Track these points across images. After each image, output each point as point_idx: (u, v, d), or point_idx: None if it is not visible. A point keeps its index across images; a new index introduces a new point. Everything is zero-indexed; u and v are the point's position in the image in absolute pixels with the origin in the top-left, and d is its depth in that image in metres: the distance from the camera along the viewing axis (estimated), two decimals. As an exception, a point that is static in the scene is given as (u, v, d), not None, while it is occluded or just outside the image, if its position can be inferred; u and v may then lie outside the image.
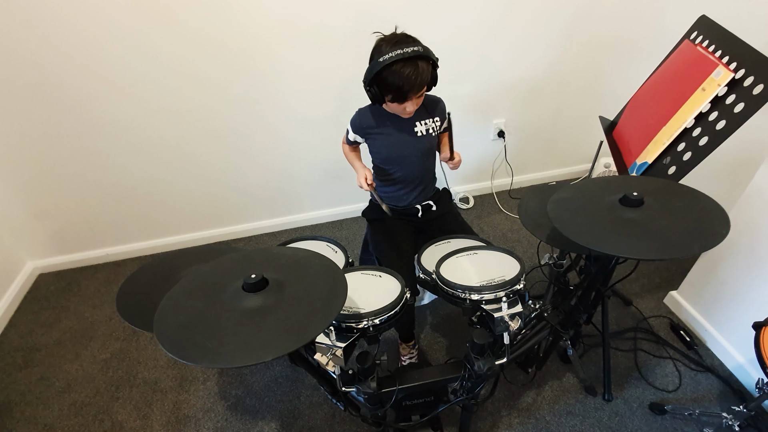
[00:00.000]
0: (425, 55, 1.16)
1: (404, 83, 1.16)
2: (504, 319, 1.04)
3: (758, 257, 1.39)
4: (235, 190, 2.19)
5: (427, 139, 1.42)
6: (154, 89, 1.77)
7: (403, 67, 1.14)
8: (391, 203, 1.52)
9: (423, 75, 1.17)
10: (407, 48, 1.13)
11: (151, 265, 1.17)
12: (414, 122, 1.38)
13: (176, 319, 0.79)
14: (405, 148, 1.41)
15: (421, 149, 1.43)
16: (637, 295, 1.86)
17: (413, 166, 1.45)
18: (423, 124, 1.39)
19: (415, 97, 1.23)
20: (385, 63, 1.13)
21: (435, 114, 1.41)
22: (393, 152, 1.42)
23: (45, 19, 1.54)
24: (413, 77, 1.16)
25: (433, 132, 1.42)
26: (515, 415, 1.46)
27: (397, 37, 1.19)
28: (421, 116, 1.38)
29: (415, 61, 1.15)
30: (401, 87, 1.17)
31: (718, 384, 1.51)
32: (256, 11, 1.67)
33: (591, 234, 0.90)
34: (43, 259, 2.19)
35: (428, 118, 1.40)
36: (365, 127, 1.40)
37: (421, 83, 1.19)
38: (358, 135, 1.43)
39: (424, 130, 1.40)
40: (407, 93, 1.19)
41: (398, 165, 1.45)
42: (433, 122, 1.41)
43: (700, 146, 1.10)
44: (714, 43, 1.20)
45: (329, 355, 1.00)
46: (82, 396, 1.61)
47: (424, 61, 1.17)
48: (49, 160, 1.87)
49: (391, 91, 1.19)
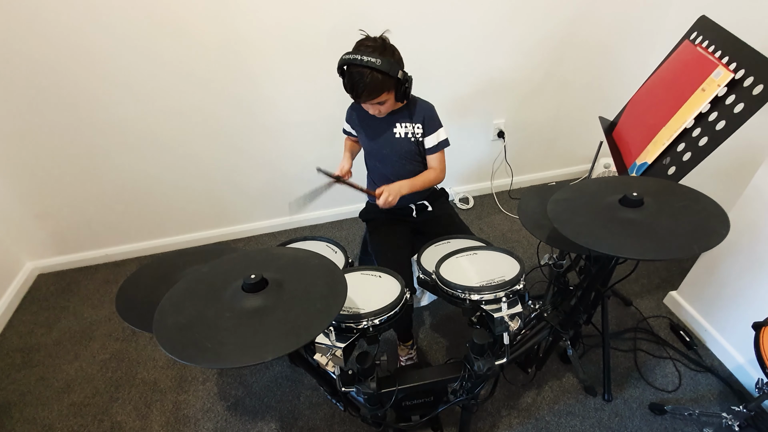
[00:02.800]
0: (377, 68, 1.16)
1: (352, 86, 1.20)
2: (504, 319, 1.04)
3: (758, 257, 1.39)
4: (234, 190, 2.19)
5: (406, 143, 1.41)
6: (155, 90, 1.77)
7: (356, 71, 1.18)
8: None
9: (372, 85, 1.19)
10: (365, 56, 1.16)
11: (151, 265, 1.17)
12: (394, 123, 1.39)
13: (176, 320, 0.78)
14: (384, 146, 1.43)
15: (400, 151, 1.43)
16: (636, 296, 1.86)
17: (395, 165, 1.45)
18: (403, 127, 1.40)
19: (371, 103, 1.26)
20: (343, 61, 1.19)
21: (417, 120, 1.39)
22: (373, 148, 1.46)
23: (45, 20, 1.54)
24: (361, 85, 1.18)
25: (412, 137, 1.41)
26: (515, 416, 1.46)
27: (369, 41, 1.22)
28: (402, 118, 1.39)
29: (369, 70, 1.17)
30: (352, 89, 1.21)
31: (717, 384, 1.51)
32: (255, 13, 1.67)
33: (591, 234, 0.90)
34: (42, 260, 2.18)
35: (409, 122, 1.39)
36: (354, 118, 1.48)
37: (369, 92, 1.20)
38: (349, 125, 1.51)
39: (403, 132, 1.40)
40: (358, 96, 1.22)
41: (379, 162, 1.48)
42: (413, 127, 1.40)
43: (700, 146, 1.10)
44: (714, 44, 1.20)
45: (329, 355, 1.00)
46: (82, 396, 1.60)
47: (378, 72, 1.17)
48: (48, 161, 1.87)
49: (346, 88, 1.24)
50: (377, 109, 1.30)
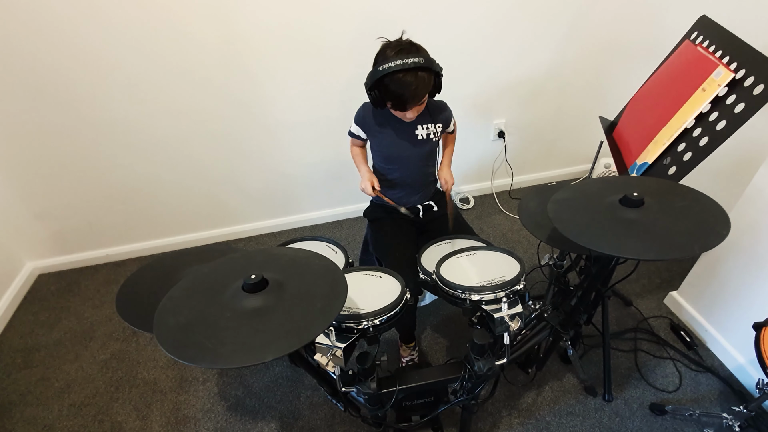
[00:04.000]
0: (427, 66, 1.15)
1: (404, 92, 1.16)
2: (504, 319, 1.04)
3: (758, 257, 1.39)
4: (235, 190, 2.19)
5: (428, 144, 1.41)
6: (155, 90, 1.77)
7: (404, 77, 1.14)
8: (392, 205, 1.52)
9: (423, 85, 1.17)
10: (409, 59, 1.13)
11: (151, 265, 1.17)
12: (416, 125, 1.38)
13: (176, 320, 0.78)
14: (405, 150, 1.41)
15: (421, 153, 1.42)
16: (637, 296, 1.86)
17: (413, 168, 1.45)
18: (424, 128, 1.39)
19: (415, 106, 1.24)
20: (387, 71, 1.13)
21: (438, 120, 1.40)
22: (393, 152, 1.42)
23: (45, 20, 1.54)
24: (413, 87, 1.16)
25: (434, 137, 1.41)
26: (515, 416, 1.46)
27: (401, 44, 1.18)
28: (423, 120, 1.38)
29: (416, 71, 1.15)
30: (401, 96, 1.17)
31: (718, 384, 1.51)
32: (255, 13, 1.67)
33: (591, 234, 0.90)
34: (42, 260, 2.18)
35: (431, 122, 1.39)
36: (368, 122, 1.40)
37: (421, 94, 1.19)
38: (361, 128, 1.43)
39: (425, 134, 1.39)
40: (407, 102, 1.19)
41: (397, 165, 1.44)
42: (435, 127, 1.40)
43: (701, 146, 1.10)
44: (714, 44, 1.20)
45: (329, 355, 1.00)
46: (82, 396, 1.60)
47: (426, 71, 1.17)
48: (49, 161, 1.87)
49: (391, 98, 1.20)
50: (417, 111, 1.27)
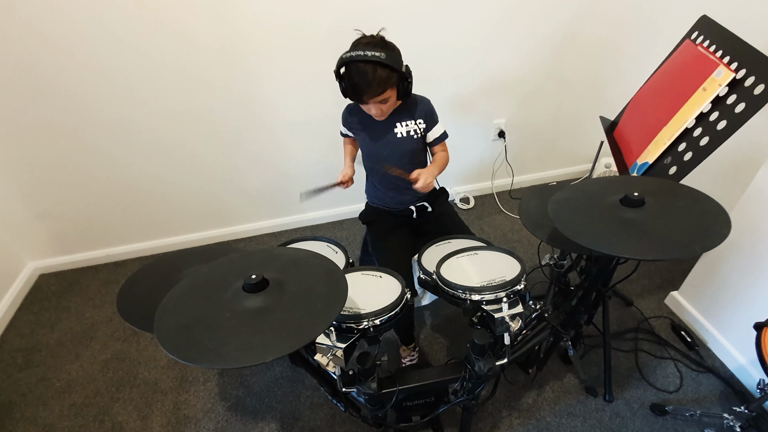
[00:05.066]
0: (384, 63, 1.15)
1: (358, 83, 1.18)
2: (504, 319, 1.03)
3: (759, 257, 1.39)
4: (235, 190, 2.19)
5: (408, 141, 1.39)
6: (155, 90, 1.77)
7: (362, 67, 1.15)
8: (384, 205, 1.53)
9: (379, 81, 1.17)
10: (368, 51, 1.14)
11: (152, 265, 1.17)
12: (394, 123, 1.37)
13: (177, 320, 0.79)
14: (384, 148, 1.40)
15: (402, 151, 1.40)
16: (637, 296, 1.85)
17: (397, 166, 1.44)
18: (404, 126, 1.38)
19: (374, 102, 1.23)
20: (344, 60, 1.16)
21: (417, 115, 1.38)
22: (373, 150, 1.43)
23: (45, 19, 1.54)
24: (368, 79, 1.16)
25: (415, 134, 1.39)
26: (516, 416, 1.46)
27: (372, 38, 1.20)
28: (402, 117, 1.37)
29: (373, 65, 1.15)
30: (356, 86, 1.19)
31: (719, 385, 1.51)
32: (256, 13, 1.67)
33: (592, 234, 0.90)
34: (43, 260, 2.19)
35: (410, 119, 1.38)
36: (351, 121, 1.44)
37: (376, 88, 1.18)
38: (346, 128, 1.48)
39: (405, 131, 1.38)
40: (362, 94, 1.20)
41: (378, 164, 1.44)
42: (416, 124, 1.38)
43: (701, 146, 1.10)
44: (715, 43, 1.20)
45: (330, 355, 1.00)
46: (83, 396, 1.61)
47: (383, 68, 1.16)
48: (49, 161, 1.87)
49: (349, 88, 1.21)
50: (380, 109, 1.27)
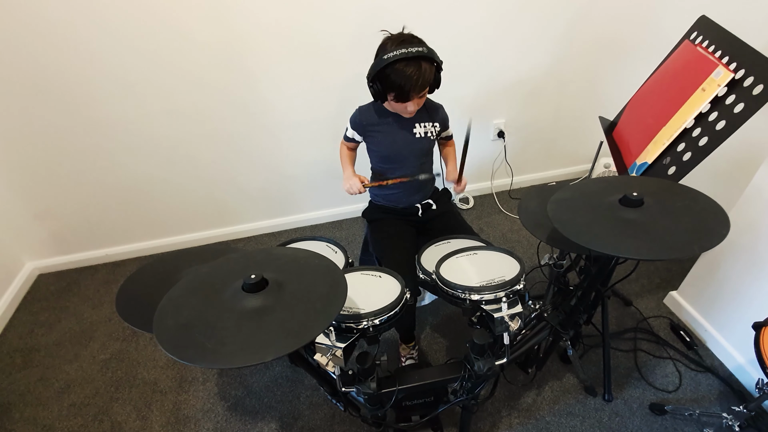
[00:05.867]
0: (429, 56, 1.16)
1: (406, 82, 1.17)
2: (504, 319, 1.04)
3: (758, 257, 1.39)
4: (234, 190, 2.19)
5: (426, 141, 1.42)
6: (154, 90, 1.77)
7: (405, 66, 1.15)
8: (391, 204, 1.52)
9: (425, 75, 1.18)
10: (412, 48, 1.14)
11: (151, 265, 1.17)
12: (414, 123, 1.39)
13: (176, 320, 0.78)
14: (404, 148, 1.41)
15: (419, 150, 1.43)
16: (637, 296, 1.86)
17: (411, 166, 1.45)
18: (422, 127, 1.40)
19: (417, 98, 1.24)
20: (389, 60, 1.14)
21: (435, 119, 1.42)
22: (392, 151, 1.42)
23: (46, 19, 1.54)
24: (415, 77, 1.16)
25: (431, 135, 1.42)
26: (515, 416, 1.46)
27: (403, 36, 1.20)
28: (421, 118, 1.39)
29: (419, 61, 1.15)
30: (403, 86, 1.18)
31: (718, 384, 1.51)
32: (255, 13, 1.67)
33: (591, 234, 0.90)
34: (42, 260, 2.18)
35: (428, 121, 1.40)
36: (365, 124, 1.40)
37: (423, 84, 1.19)
38: (357, 132, 1.43)
39: (423, 132, 1.40)
40: (409, 92, 1.19)
41: (396, 164, 1.45)
42: (432, 126, 1.41)
43: (700, 146, 1.10)
44: (714, 44, 1.20)
45: (329, 355, 1.00)
46: (82, 396, 1.60)
47: (428, 62, 1.17)
48: (48, 161, 1.87)
49: (393, 89, 1.20)
50: (417, 105, 1.27)
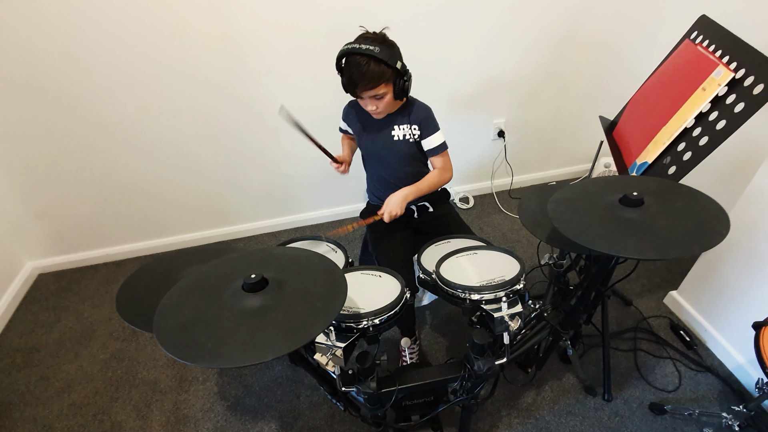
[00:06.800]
0: (377, 57, 1.16)
1: (351, 74, 1.19)
2: (504, 319, 1.04)
3: (758, 257, 1.39)
4: (235, 190, 2.19)
5: (405, 145, 1.40)
6: (155, 89, 1.77)
7: (353, 60, 1.17)
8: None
9: (371, 74, 1.18)
10: (364, 45, 1.16)
11: (151, 265, 1.17)
12: (392, 125, 1.38)
13: (176, 319, 0.79)
14: (382, 149, 1.42)
15: (400, 153, 1.41)
16: (637, 295, 1.86)
17: (394, 168, 1.44)
18: (401, 129, 1.38)
19: (368, 96, 1.24)
20: (341, 52, 1.19)
21: (413, 121, 1.38)
22: (371, 150, 1.46)
23: (46, 19, 1.54)
24: (361, 71, 1.17)
25: (410, 138, 1.39)
26: (515, 415, 1.46)
27: (368, 34, 1.22)
28: (400, 120, 1.38)
29: (367, 58, 1.16)
30: (349, 77, 1.20)
31: (718, 384, 1.51)
32: (256, 11, 1.67)
33: (591, 234, 0.90)
34: (42, 259, 2.18)
35: (406, 123, 1.38)
36: (351, 117, 1.46)
37: (367, 81, 1.19)
38: (345, 122, 1.50)
39: (401, 134, 1.39)
40: (354, 87, 1.21)
41: (378, 164, 1.47)
42: (411, 129, 1.38)
43: (700, 146, 1.10)
44: (714, 43, 1.20)
45: (329, 355, 1.00)
46: (82, 396, 1.60)
47: (377, 62, 1.17)
48: (48, 160, 1.87)
49: (344, 79, 1.23)
50: (375, 105, 1.27)
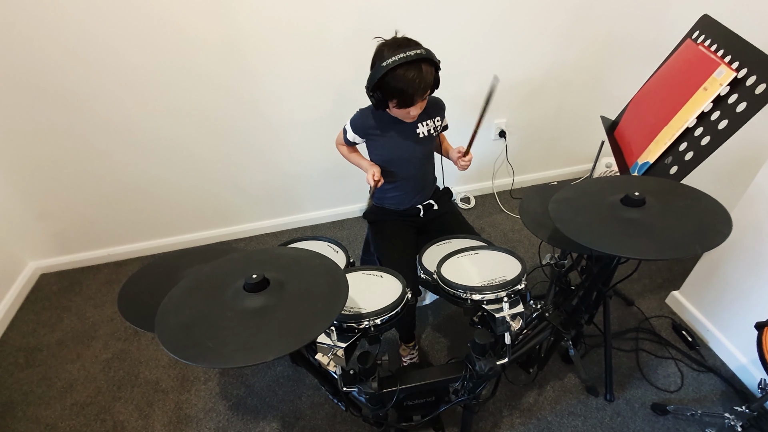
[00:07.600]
0: (428, 58, 1.14)
1: (408, 87, 1.14)
2: (505, 319, 1.03)
3: (760, 257, 1.39)
4: (236, 190, 2.19)
5: (430, 140, 1.41)
6: (156, 89, 1.78)
7: (406, 71, 1.12)
8: (393, 206, 1.52)
9: (427, 78, 1.16)
10: (410, 51, 1.11)
11: (153, 265, 1.17)
12: (416, 124, 1.37)
13: (177, 319, 0.79)
14: (406, 151, 1.40)
15: (423, 151, 1.42)
16: (638, 295, 1.85)
17: (414, 168, 1.44)
18: (424, 125, 1.39)
19: (420, 101, 1.22)
20: (389, 67, 1.11)
21: (435, 114, 1.40)
22: (394, 154, 1.41)
23: (47, 19, 1.54)
24: (417, 80, 1.13)
25: (434, 132, 1.41)
26: (517, 416, 1.46)
27: (398, 41, 1.17)
28: (423, 117, 1.37)
29: (419, 64, 1.13)
30: (405, 91, 1.15)
31: (720, 384, 1.51)
32: (258, 11, 1.67)
33: (592, 234, 0.90)
34: (44, 259, 2.19)
35: (429, 119, 1.39)
36: (367, 127, 1.38)
37: (426, 86, 1.17)
38: (358, 135, 1.40)
39: (426, 131, 1.39)
40: (412, 97, 1.17)
41: (398, 167, 1.43)
42: (433, 122, 1.40)
43: (702, 146, 1.10)
44: (716, 42, 1.20)
45: (330, 355, 1.00)
46: (84, 396, 1.61)
47: (428, 63, 1.15)
48: (50, 160, 1.87)
49: (395, 95, 1.17)
50: (420, 109, 1.25)
